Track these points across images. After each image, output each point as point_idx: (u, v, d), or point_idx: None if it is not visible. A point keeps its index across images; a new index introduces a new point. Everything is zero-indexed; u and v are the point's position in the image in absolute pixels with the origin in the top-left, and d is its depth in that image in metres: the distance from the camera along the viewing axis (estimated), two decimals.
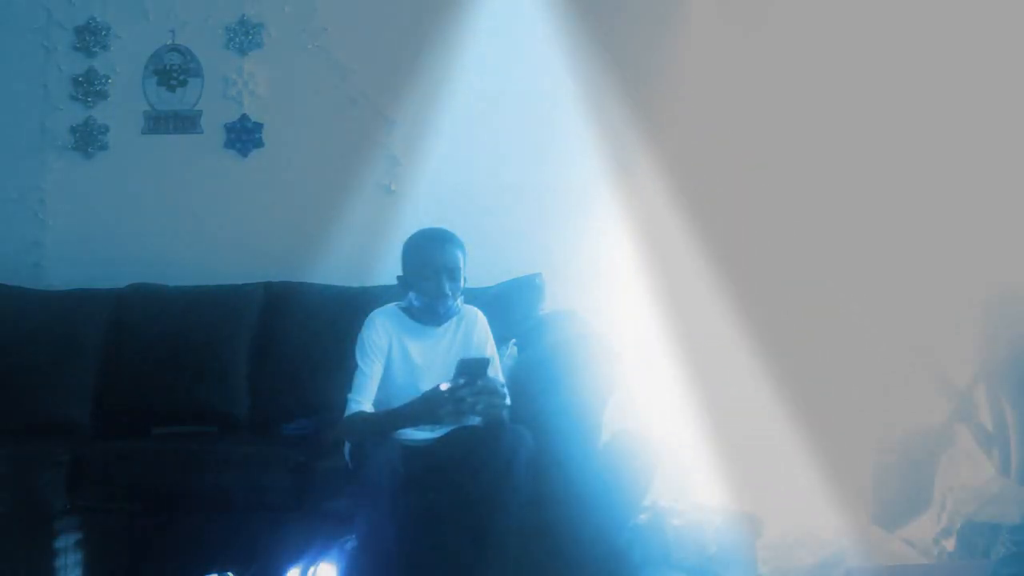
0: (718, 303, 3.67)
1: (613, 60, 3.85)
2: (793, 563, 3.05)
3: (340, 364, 3.42)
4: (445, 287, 2.82)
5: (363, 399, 2.82)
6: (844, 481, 3.40)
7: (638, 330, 3.61)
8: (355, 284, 3.71)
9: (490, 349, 2.96)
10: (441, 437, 2.86)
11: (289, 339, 3.63)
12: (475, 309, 2.99)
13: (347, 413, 2.82)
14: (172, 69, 4.06)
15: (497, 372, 2.92)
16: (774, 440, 3.53)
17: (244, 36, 4.03)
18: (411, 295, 2.88)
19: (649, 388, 3.50)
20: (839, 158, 3.70)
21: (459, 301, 2.89)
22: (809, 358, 3.60)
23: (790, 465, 3.45)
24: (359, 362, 2.86)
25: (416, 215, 3.85)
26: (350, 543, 2.71)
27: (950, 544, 2.96)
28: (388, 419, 2.79)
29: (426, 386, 2.78)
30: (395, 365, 2.88)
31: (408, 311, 2.92)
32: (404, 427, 2.79)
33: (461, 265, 2.86)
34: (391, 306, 2.96)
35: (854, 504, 3.39)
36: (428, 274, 2.83)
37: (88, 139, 4.06)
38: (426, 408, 2.70)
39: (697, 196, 3.75)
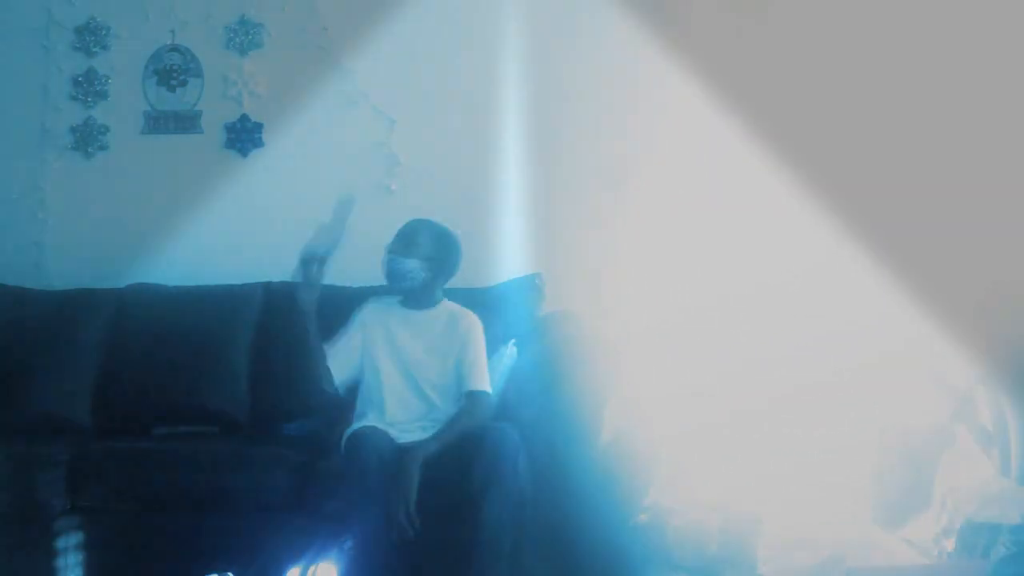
0: (718, 302, 3.68)
1: (614, 61, 3.86)
2: (793, 563, 3.05)
3: None
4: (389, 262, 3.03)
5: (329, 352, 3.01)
6: (844, 481, 3.40)
7: (638, 330, 3.60)
8: (355, 284, 3.71)
9: (472, 353, 2.99)
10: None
11: (289, 339, 3.62)
12: (472, 315, 3.03)
13: None
14: (172, 69, 4.05)
15: (483, 375, 2.97)
16: (774, 439, 3.53)
17: (244, 36, 4.03)
18: None
19: (649, 388, 3.50)
20: (837, 159, 3.69)
21: (426, 284, 3.04)
22: (808, 357, 3.60)
23: (790, 465, 3.45)
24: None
25: (416, 215, 3.86)
26: (349, 543, 2.72)
27: (950, 544, 2.97)
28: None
29: (410, 367, 2.98)
30: (378, 345, 3.02)
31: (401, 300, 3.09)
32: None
33: (416, 246, 3.04)
34: (388, 296, 3.12)
35: (854, 504, 3.39)
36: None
37: (88, 139, 4.06)
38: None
39: (696, 196, 3.76)
